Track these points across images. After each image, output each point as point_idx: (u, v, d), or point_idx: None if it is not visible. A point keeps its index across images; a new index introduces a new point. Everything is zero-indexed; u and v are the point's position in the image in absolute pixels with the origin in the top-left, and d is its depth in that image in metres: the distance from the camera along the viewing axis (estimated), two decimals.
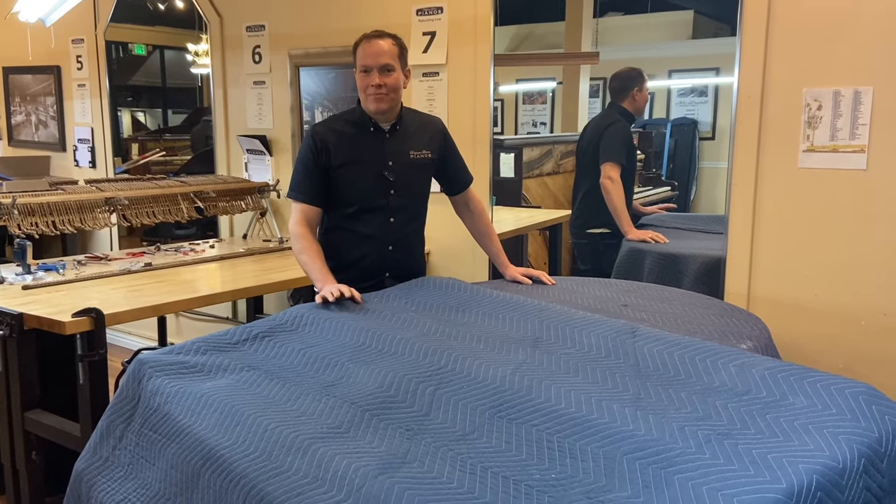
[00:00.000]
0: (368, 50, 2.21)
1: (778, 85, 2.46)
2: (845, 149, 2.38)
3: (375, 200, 2.29)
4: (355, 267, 2.30)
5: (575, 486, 1.13)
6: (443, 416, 1.37)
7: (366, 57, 2.21)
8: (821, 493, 1.06)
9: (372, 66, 2.20)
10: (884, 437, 1.20)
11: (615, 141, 3.35)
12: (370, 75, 2.20)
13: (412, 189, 2.36)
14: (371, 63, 2.20)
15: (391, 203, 2.30)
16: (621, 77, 3.53)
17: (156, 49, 5.49)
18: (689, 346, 1.52)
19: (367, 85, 2.22)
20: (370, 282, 2.28)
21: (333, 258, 2.30)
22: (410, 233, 2.40)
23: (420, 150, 2.35)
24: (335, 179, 2.28)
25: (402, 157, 2.32)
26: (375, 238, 2.30)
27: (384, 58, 2.21)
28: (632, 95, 3.41)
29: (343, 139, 2.28)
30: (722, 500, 1.03)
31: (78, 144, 4.89)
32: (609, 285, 2.46)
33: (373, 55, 2.20)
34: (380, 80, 2.20)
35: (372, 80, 2.20)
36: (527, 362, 1.54)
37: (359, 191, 2.29)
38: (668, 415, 1.29)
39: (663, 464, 1.14)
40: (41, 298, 2.47)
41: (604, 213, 3.36)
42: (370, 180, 2.29)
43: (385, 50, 2.21)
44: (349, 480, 1.15)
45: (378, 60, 2.20)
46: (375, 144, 2.30)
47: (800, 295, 2.49)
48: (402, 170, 2.32)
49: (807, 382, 1.32)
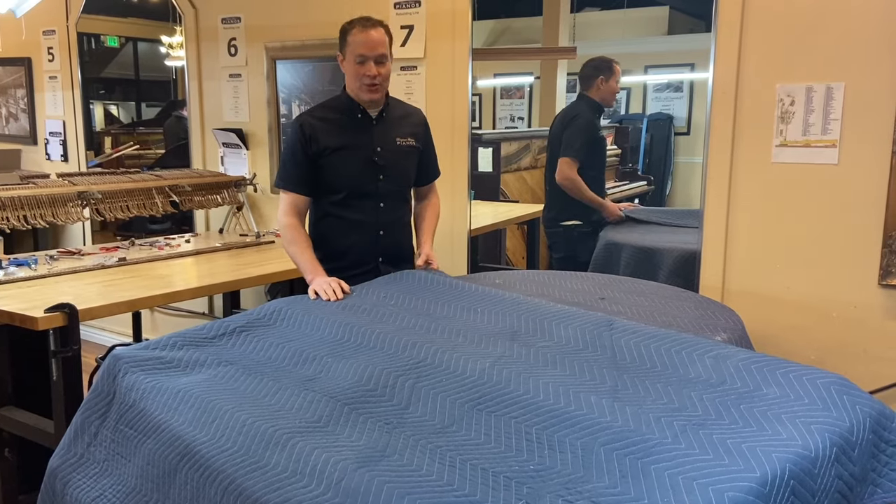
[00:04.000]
0: (366, 40, 2.19)
1: (752, 81, 2.49)
2: (817, 143, 2.41)
3: (365, 186, 2.30)
4: (348, 255, 2.31)
5: (553, 477, 1.14)
6: (422, 410, 1.37)
7: (363, 46, 2.20)
8: (794, 482, 1.08)
9: (369, 57, 2.19)
10: (855, 426, 1.22)
11: (575, 135, 3.34)
12: (366, 66, 2.20)
13: (399, 174, 2.37)
14: (368, 53, 2.19)
15: (380, 188, 2.31)
16: (588, 66, 3.50)
17: (129, 41, 5.41)
18: (666, 338, 1.54)
19: (363, 75, 2.21)
20: (364, 268, 2.30)
21: (325, 247, 2.31)
22: (399, 218, 2.41)
23: (405, 138, 2.37)
24: (324, 166, 2.28)
25: (389, 143, 2.33)
26: (365, 224, 2.31)
27: (381, 48, 2.21)
28: (596, 85, 3.37)
29: (331, 126, 2.29)
30: (697, 488, 1.05)
31: (49, 138, 4.80)
32: (586, 279, 2.47)
33: (370, 45, 2.19)
34: (376, 70, 2.20)
35: (369, 70, 2.20)
36: (505, 355, 1.55)
37: (348, 177, 2.29)
38: (644, 406, 1.30)
39: (640, 454, 1.16)
40: (12, 294, 2.43)
41: (574, 205, 3.39)
42: (359, 166, 2.29)
43: (381, 40, 2.21)
44: (328, 474, 1.15)
45: (375, 51, 2.20)
46: (363, 131, 2.31)
47: (773, 288, 2.53)
48: (390, 155, 2.33)
49: (780, 373, 1.34)
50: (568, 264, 3.61)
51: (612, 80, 3.40)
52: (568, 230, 3.49)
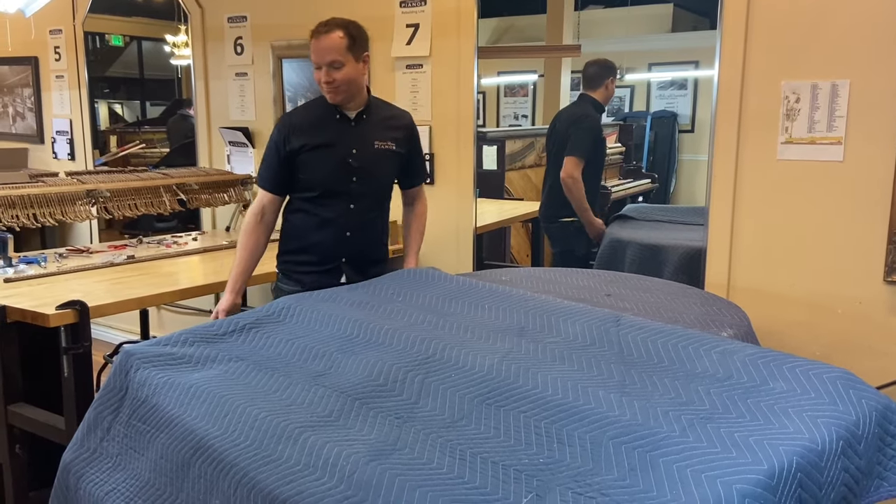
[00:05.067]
0: (316, 47, 2.21)
1: (757, 78, 2.50)
2: (822, 141, 2.42)
3: (337, 185, 2.32)
4: (313, 250, 2.34)
5: (563, 470, 1.15)
6: (432, 404, 1.39)
7: (314, 53, 2.22)
8: (801, 474, 1.10)
9: (320, 64, 2.21)
10: (861, 420, 1.23)
11: (585, 136, 3.40)
12: (321, 71, 2.23)
13: (374, 177, 2.37)
14: (318, 60, 2.22)
15: (352, 190, 2.32)
16: (598, 65, 3.61)
17: (133, 40, 5.43)
18: (672, 333, 1.55)
19: (319, 80, 2.25)
20: (326, 265, 2.33)
21: (292, 240, 2.36)
22: (370, 220, 2.41)
23: (385, 142, 2.37)
24: (299, 163, 2.31)
25: (366, 145, 2.34)
26: (334, 223, 2.32)
27: (330, 55, 2.20)
28: (605, 85, 3.50)
29: (308, 124, 2.32)
30: (705, 481, 1.06)
31: (56, 136, 4.83)
32: (592, 275, 2.49)
33: (319, 52, 2.21)
34: (328, 76, 2.21)
35: (323, 76, 2.22)
36: (513, 351, 1.57)
37: (322, 175, 2.31)
38: (652, 400, 1.32)
39: (648, 447, 1.17)
40: (23, 291, 2.45)
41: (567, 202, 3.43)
42: (333, 165, 2.31)
43: (332, 46, 2.20)
44: (340, 467, 1.17)
45: (324, 58, 2.21)
46: (341, 131, 2.32)
47: (778, 284, 2.54)
48: (366, 157, 2.33)
49: (786, 368, 1.36)
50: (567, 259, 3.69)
51: (613, 82, 3.56)
52: (565, 226, 3.55)
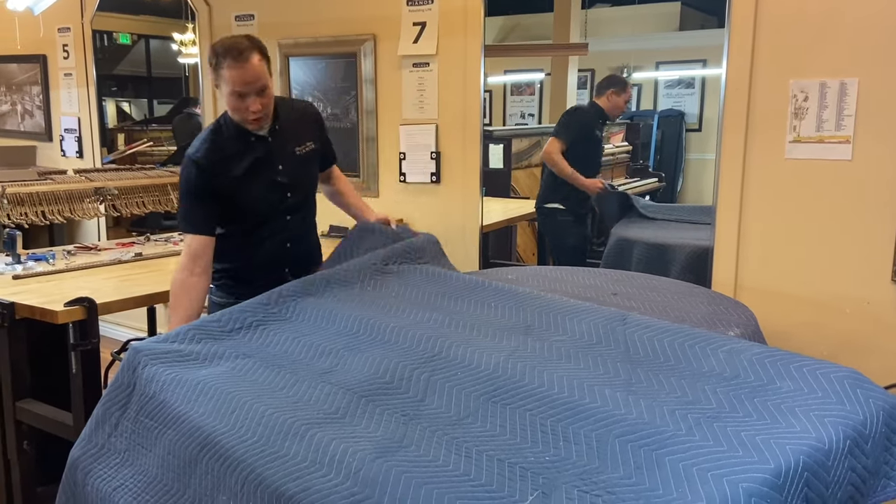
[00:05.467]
0: (242, 76, 1.99)
1: (765, 76, 2.49)
2: (831, 139, 2.41)
3: (273, 207, 2.20)
4: (255, 269, 2.23)
5: (569, 468, 1.15)
6: (438, 402, 1.39)
7: (239, 83, 2.00)
8: (807, 474, 1.09)
9: (249, 92, 2.01)
10: (868, 419, 1.23)
11: (567, 121, 3.74)
12: (246, 100, 2.02)
13: (304, 185, 2.28)
14: (246, 91, 2.01)
15: (288, 203, 2.22)
16: (606, 78, 3.94)
17: (141, 38, 5.45)
18: (679, 332, 1.54)
19: (245, 109, 2.04)
20: (271, 276, 2.18)
21: (232, 261, 2.22)
22: (306, 227, 2.35)
23: (304, 144, 2.25)
24: (229, 199, 2.13)
25: (288, 157, 2.20)
26: (273, 238, 2.23)
27: (259, 81, 2.02)
28: (606, 96, 3.74)
29: (227, 159, 2.13)
30: (711, 479, 1.06)
31: (64, 134, 4.85)
32: (598, 274, 2.48)
33: (246, 82, 2.00)
34: (257, 104, 2.03)
35: (251, 105, 2.03)
36: (519, 349, 1.57)
37: (255, 203, 2.17)
38: (658, 399, 1.32)
39: (654, 446, 1.17)
40: (32, 288, 2.47)
41: (557, 190, 3.69)
42: (265, 190, 2.18)
43: (259, 72, 2.01)
44: (347, 464, 1.17)
45: (254, 86, 2.01)
46: (260, 153, 2.16)
47: (786, 283, 2.53)
48: (292, 169, 2.22)
49: (793, 367, 1.35)
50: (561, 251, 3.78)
51: (622, 97, 3.75)
52: (551, 214, 3.75)
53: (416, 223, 3.42)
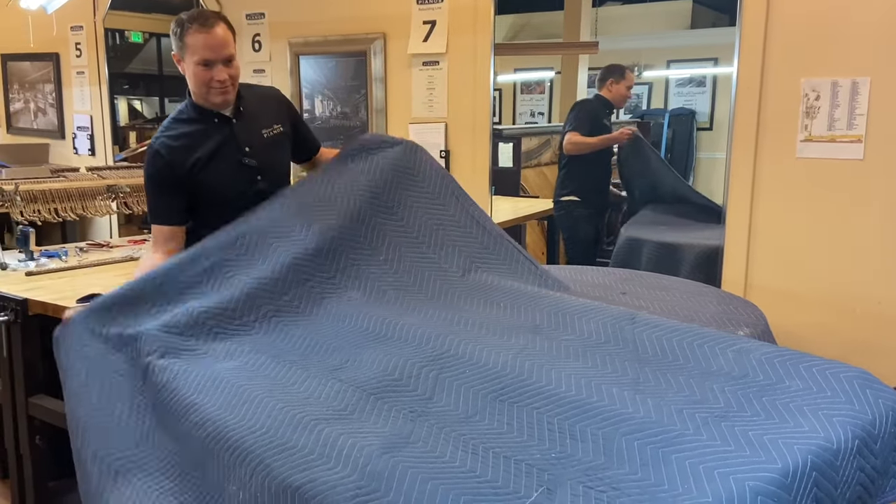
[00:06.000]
0: (208, 41, 1.96)
1: (776, 75, 2.48)
2: (843, 139, 2.40)
3: (241, 193, 2.12)
4: None
5: (574, 465, 1.15)
6: (446, 400, 1.39)
7: (205, 50, 1.97)
8: (816, 473, 1.09)
9: (215, 60, 1.98)
10: (877, 419, 1.22)
11: (578, 113, 3.79)
12: (213, 69, 1.99)
13: (275, 169, 2.22)
14: (213, 57, 1.98)
15: (258, 187, 2.14)
16: (604, 69, 3.92)
17: (152, 36, 5.48)
18: (688, 332, 1.54)
19: (211, 79, 2.00)
20: None
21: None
22: None
23: (271, 127, 2.19)
24: (195, 186, 2.09)
25: (255, 139, 2.15)
26: None
27: (227, 48, 1.99)
28: (606, 86, 3.76)
29: (188, 142, 2.08)
30: (718, 477, 1.06)
31: (77, 132, 4.89)
32: (607, 273, 2.48)
33: (214, 48, 1.97)
34: (223, 73, 2.00)
35: (217, 74, 1.99)
36: (528, 347, 1.57)
37: (223, 188, 2.11)
38: (666, 398, 1.31)
39: (661, 444, 1.17)
40: (45, 285, 2.49)
41: (573, 182, 3.75)
42: (232, 174, 2.12)
43: (226, 40, 1.99)
44: (354, 458, 1.18)
45: (221, 53, 1.98)
46: (224, 135, 2.12)
47: (796, 283, 2.52)
48: (261, 153, 2.16)
49: (802, 367, 1.34)
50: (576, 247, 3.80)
51: (621, 84, 3.75)
52: (567, 208, 3.79)
53: None
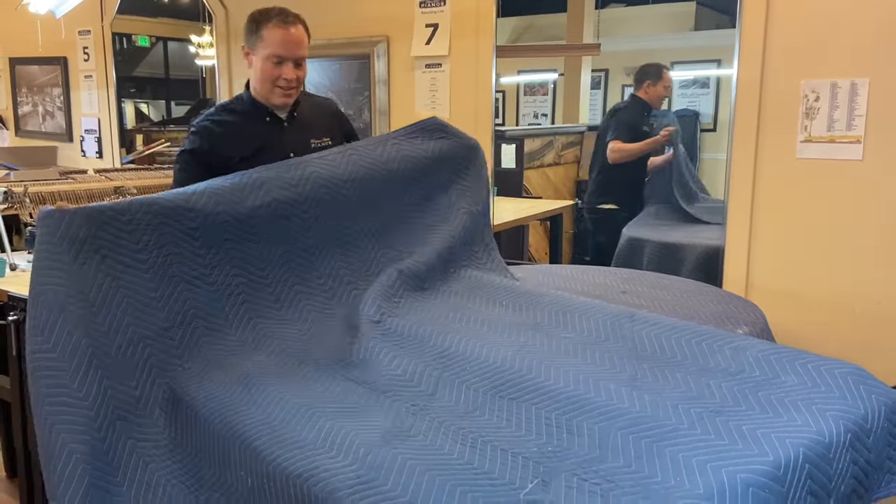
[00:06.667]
0: (286, 38, 1.96)
1: (776, 77, 2.50)
2: (842, 139, 2.42)
3: None
4: None
5: (570, 458, 1.18)
6: (448, 396, 1.42)
7: (281, 46, 1.96)
8: (809, 465, 1.11)
9: (287, 58, 1.97)
10: (870, 414, 1.24)
11: (621, 122, 3.78)
12: (283, 67, 1.98)
13: None
14: (287, 54, 1.97)
15: None
16: (639, 70, 3.95)
17: (158, 40, 5.54)
18: (686, 329, 1.56)
19: (279, 77, 1.99)
20: None
21: None
22: None
23: (320, 138, 2.16)
24: None
25: (302, 146, 2.09)
26: None
27: (301, 49, 1.99)
28: (643, 88, 3.76)
29: (234, 132, 2.05)
30: (710, 470, 1.08)
31: (85, 135, 4.94)
32: (608, 273, 2.50)
33: (289, 45, 1.97)
34: (293, 73, 1.99)
35: (286, 72, 1.98)
36: (528, 345, 1.59)
37: None
38: (663, 394, 1.33)
39: (656, 438, 1.19)
40: None
41: (612, 191, 3.78)
42: None
43: (303, 41, 1.99)
44: (356, 448, 1.21)
45: (295, 52, 1.98)
46: (273, 135, 2.08)
47: (796, 283, 2.53)
48: None
49: (798, 363, 1.36)
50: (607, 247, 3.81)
51: (658, 85, 3.77)
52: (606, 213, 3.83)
53: None
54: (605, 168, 3.79)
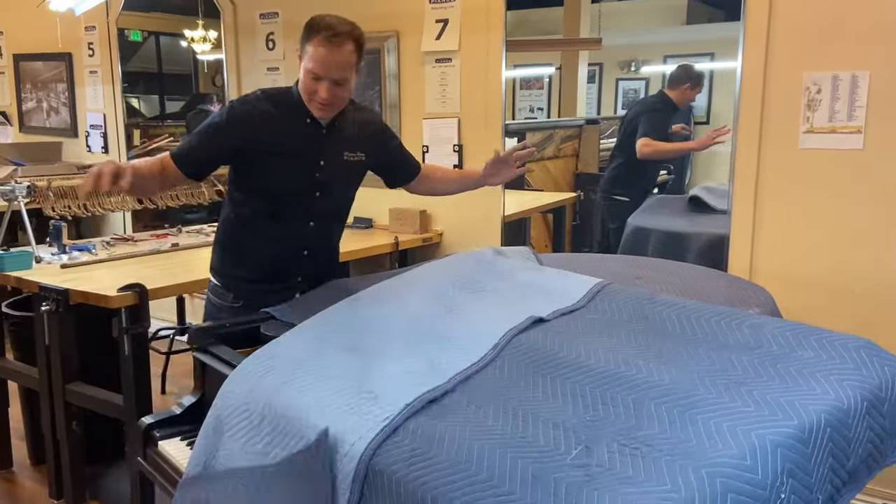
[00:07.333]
0: (325, 58, 1.87)
1: (779, 70, 2.59)
2: (843, 130, 2.51)
3: (298, 200, 2.05)
4: (265, 267, 2.09)
5: (608, 427, 1.26)
6: (483, 373, 1.50)
7: (318, 64, 1.88)
8: (830, 429, 1.20)
9: (323, 77, 1.90)
10: (884, 384, 1.34)
11: (654, 121, 3.83)
12: (319, 85, 1.91)
13: (340, 192, 2.14)
14: (324, 74, 1.89)
15: (315, 205, 2.06)
16: (683, 69, 4.00)
17: (151, 35, 5.55)
18: (705, 310, 1.65)
19: (315, 92, 1.92)
20: (279, 284, 2.08)
21: (238, 252, 2.10)
22: (328, 238, 2.18)
23: (355, 153, 2.10)
24: (252, 166, 2.01)
25: (335, 157, 2.06)
26: (290, 240, 2.07)
27: (342, 71, 1.90)
28: (680, 89, 3.83)
29: (270, 123, 1.99)
30: (741, 433, 1.17)
31: (90, 130, 4.97)
32: (621, 260, 2.59)
33: (327, 66, 1.88)
34: (329, 93, 1.91)
35: (321, 91, 1.91)
36: (555, 326, 1.67)
37: (283, 187, 2.02)
38: (689, 368, 1.42)
39: (687, 407, 1.28)
40: (80, 276, 2.59)
41: (624, 184, 3.87)
42: (297, 177, 2.02)
43: (345, 61, 1.90)
44: (405, 424, 1.29)
45: (333, 73, 1.89)
46: (309, 139, 2.02)
47: (799, 268, 2.63)
48: (334, 171, 2.07)
49: (813, 338, 1.46)
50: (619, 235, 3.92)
51: (694, 91, 3.84)
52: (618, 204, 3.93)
53: (440, 215, 3.54)
54: (621, 163, 3.91)
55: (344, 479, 1.27)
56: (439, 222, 3.55)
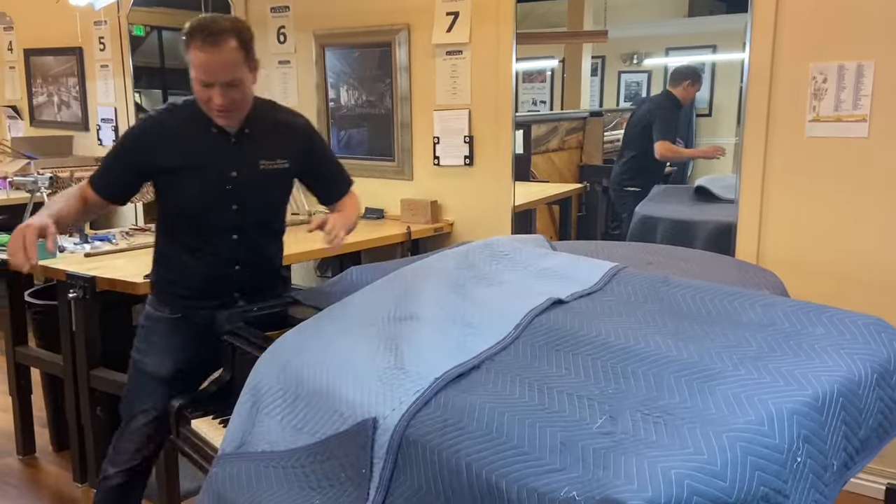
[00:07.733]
0: (208, 62, 1.75)
1: (786, 61, 2.64)
2: (848, 118, 2.57)
3: (215, 215, 1.94)
4: (198, 286, 2.00)
5: (630, 398, 1.32)
6: (506, 351, 1.56)
7: (202, 71, 1.77)
8: (842, 399, 1.27)
9: (212, 82, 1.78)
10: (892, 357, 1.41)
11: (665, 120, 4.02)
12: (211, 90, 1.79)
13: (261, 203, 2.01)
14: (209, 78, 1.77)
15: (233, 218, 1.95)
16: (682, 69, 4.23)
17: (153, 29, 5.59)
18: (718, 291, 1.71)
19: (208, 99, 1.81)
20: (215, 301, 1.97)
21: (169, 267, 2.04)
22: (261, 248, 2.06)
23: (274, 160, 1.97)
24: (163, 186, 1.93)
25: (250, 166, 1.93)
26: (217, 256, 1.97)
27: (228, 72, 1.77)
28: (683, 86, 4.02)
29: (174, 138, 1.89)
30: (758, 403, 1.23)
31: (101, 124, 5.03)
32: (631, 247, 2.65)
33: (212, 70, 1.76)
34: (224, 97, 1.79)
35: (214, 97, 1.80)
36: (574, 307, 1.73)
37: (191, 201, 1.93)
38: (705, 344, 1.48)
39: (705, 379, 1.34)
40: (104, 265, 2.65)
41: (638, 176, 4.01)
42: (207, 191, 1.91)
43: (229, 60, 1.76)
44: (436, 397, 1.35)
45: (219, 77, 1.77)
46: (217, 149, 1.91)
47: (806, 254, 2.69)
48: (249, 181, 1.94)
49: (824, 316, 1.52)
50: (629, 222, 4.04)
51: (695, 87, 4.06)
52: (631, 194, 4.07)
53: (450, 205, 3.59)
54: (633, 157, 4.07)
55: (379, 449, 1.34)
56: (450, 213, 3.61)
